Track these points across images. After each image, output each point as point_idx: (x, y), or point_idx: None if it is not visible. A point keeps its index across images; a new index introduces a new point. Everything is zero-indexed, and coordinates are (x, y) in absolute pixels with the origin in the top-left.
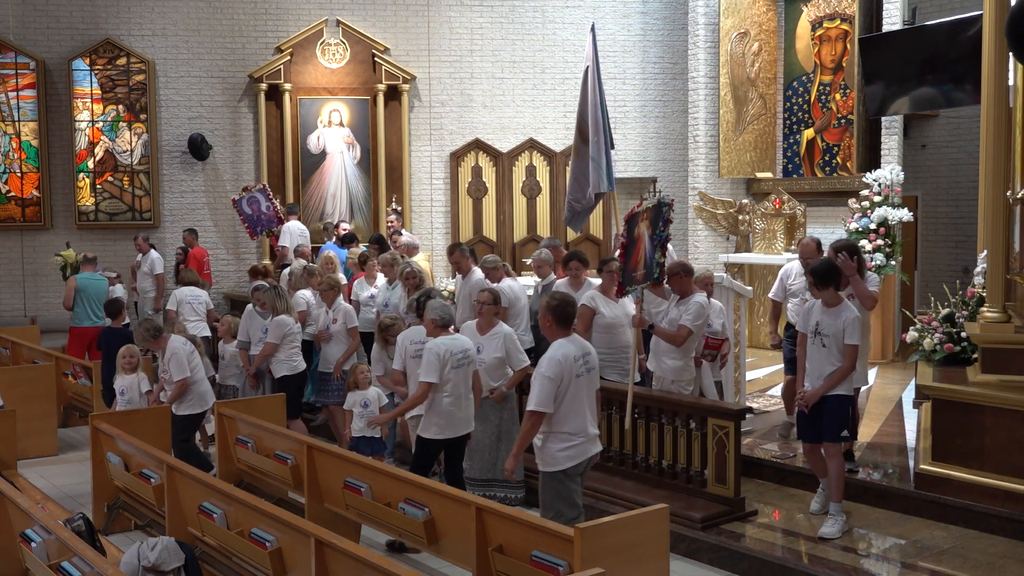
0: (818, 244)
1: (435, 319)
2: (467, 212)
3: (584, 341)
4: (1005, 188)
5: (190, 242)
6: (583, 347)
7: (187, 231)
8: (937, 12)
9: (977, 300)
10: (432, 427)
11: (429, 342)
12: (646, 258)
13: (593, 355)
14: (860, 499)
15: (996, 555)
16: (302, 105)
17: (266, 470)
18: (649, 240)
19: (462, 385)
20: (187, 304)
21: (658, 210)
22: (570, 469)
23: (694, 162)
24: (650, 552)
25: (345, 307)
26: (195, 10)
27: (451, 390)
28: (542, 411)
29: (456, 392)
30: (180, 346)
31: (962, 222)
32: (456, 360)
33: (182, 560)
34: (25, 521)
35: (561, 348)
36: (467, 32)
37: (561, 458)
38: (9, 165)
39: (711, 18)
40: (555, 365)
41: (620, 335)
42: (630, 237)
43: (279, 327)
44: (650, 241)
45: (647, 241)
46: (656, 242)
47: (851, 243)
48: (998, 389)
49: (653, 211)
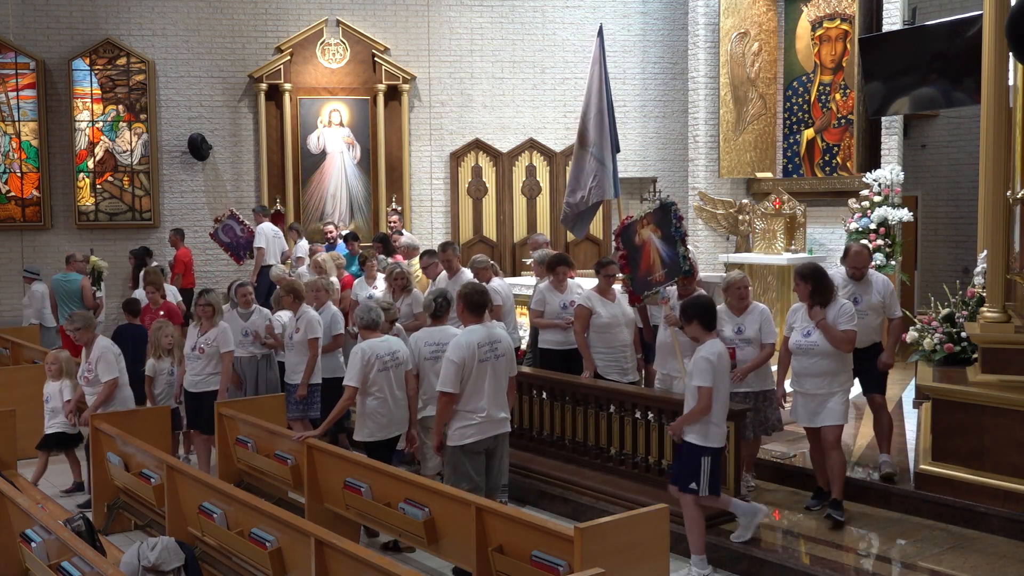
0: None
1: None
2: (467, 212)
3: (498, 330)
4: (1005, 188)
5: (175, 242)
6: (493, 335)
7: (173, 231)
8: (937, 12)
9: (977, 300)
10: (364, 429)
11: (356, 344)
12: (663, 258)
13: (504, 343)
14: (860, 499)
15: (996, 555)
16: (302, 105)
17: (266, 470)
18: (662, 240)
19: (389, 387)
20: None
21: (665, 211)
22: (468, 446)
23: (694, 162)
24: (650, 552)
25: (310, 316)
26: (195, 10)
27: (377, 392)
28: (447, 391)
29: (382, 395)
30: (108, 347)
31: (962, 222)
32: (383, 362)
33: (182, 560)
34: (25, 521)
35: (468, 334)
36: (467, 32)
37: (460, 435)
38: (9, 165)
39: (711, 18)
40: (459, 350)
41: (618, 334)
42: (630, 248)
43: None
44: (663, 241)
45: (657, 243)
46: (677, 238)
47: (812, 269)
48: (998, 389)
49: (658, 214)
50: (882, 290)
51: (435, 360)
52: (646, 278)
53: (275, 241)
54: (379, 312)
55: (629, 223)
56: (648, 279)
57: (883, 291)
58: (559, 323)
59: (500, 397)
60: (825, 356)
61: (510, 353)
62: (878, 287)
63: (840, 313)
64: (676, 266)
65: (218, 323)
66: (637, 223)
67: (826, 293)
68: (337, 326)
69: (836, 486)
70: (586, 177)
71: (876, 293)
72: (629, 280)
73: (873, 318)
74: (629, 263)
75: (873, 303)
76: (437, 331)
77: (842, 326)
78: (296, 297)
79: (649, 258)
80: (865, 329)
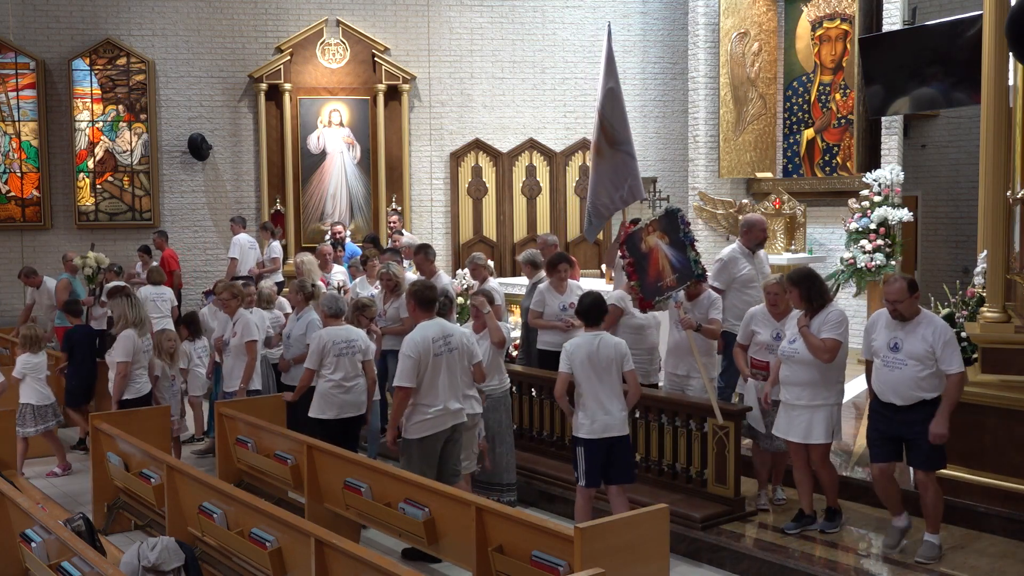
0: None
1: (324, 310)
2: (467, 212)
3: (449, 324)
4: (1005, 188)
5: (159, 244)
6: (445, 329)
7: (156, 233)
8: (937, 12)
9: (977, 300)
10: (316, 407)
11: (317, 331)
12: (672, 263)
13: (456, 336)
14: (860, 499)
15: (996, 555)
16: (302, 105)
17: (266, 470)
18: (670, 246)
19: (344, 371)
20: (151, 302)
21: (671, 217)
22: (424, 439)
23: (694, 162)
24: (650, 552)
25: (245, 319)
26: (195, 10)
27: (330, 375)
28: (404, 385)
29: (336, 377)
30: None
31: (962, 222)
32: (339, 348)
33: (182, 560)
34: (25, 521)
35: (421, 330)
36: (467, 32)
37: (416, 429)
38: (9, 165)
39: (711, 18)
40: (413, 345)
41: (648, 336)
42: (636, 255)
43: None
44: (672, 247)
45: (665, 248)
46: (686, 243)
47: (800, 274)
48: (998, 389)
49: (663, 221)
50: (931, 337)
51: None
52: (656, 284)
53: (250, 252)
54: (344, 302)
55: (633, 231)
56: (658, 285)
57: (932, 339)
58: (559, 324)
59: (455, 389)
60: (807, 365)
61: (463, 346)
62: (926, 333)
63: (826, 320)
64: (688, 271)
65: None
66: (642, 230)
67: (817, 298)
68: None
69: (829, 497)
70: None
71: (922, 340)
72: (638, 287)
73: (915, 370)
74: (637, 270)
75: (917, 352)
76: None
77: (824, 334)
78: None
79: (658, 264)
80: (904, 383)
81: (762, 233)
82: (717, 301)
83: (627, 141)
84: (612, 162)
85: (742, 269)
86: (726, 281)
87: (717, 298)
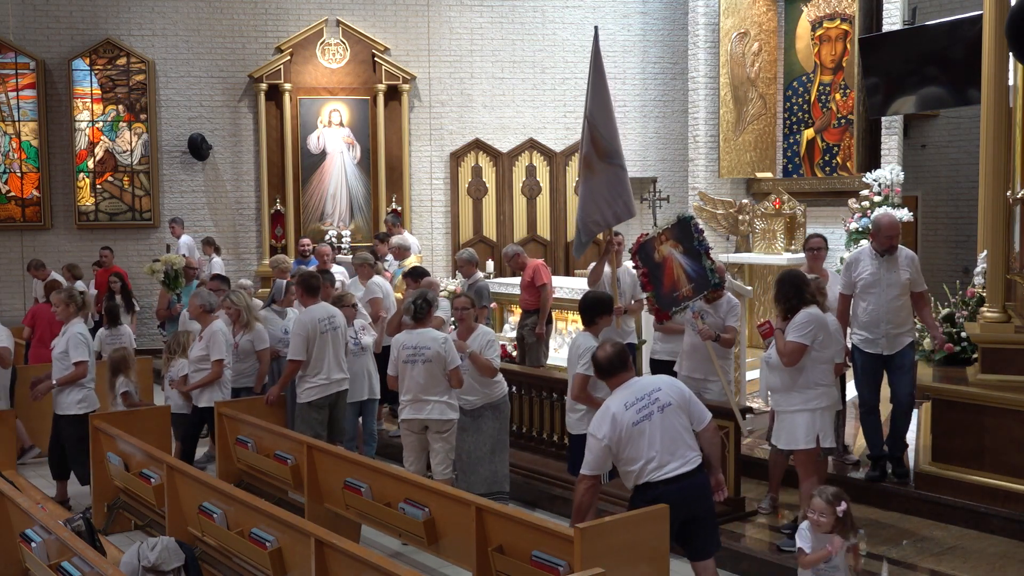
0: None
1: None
2: (467, 212)
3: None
4: (1005, 188)
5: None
6: (328, 311)
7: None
8: (937, 12)
9: (977, 300)
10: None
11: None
12: (688, 272)
13: (338, 317)
14: (860, 499)
15: (996, 555)
16: (302, 105)
17: (266, 470)
18: (684, 255)
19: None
20: None
21: (684, 226)
22: (314, 402)
23: (694, 162)
24: (650, 552)
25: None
26: (195, 10)
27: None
28: (296, 359)
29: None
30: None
31: (962, 222)
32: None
33: (182, 560)
34: (25, 521)
35: (309, 312)
36: (467, 32)
37: (307, 394)
38: (9, 165)
39: (711, 18)
40: (304, 326)
41: None
42: (649, 265)
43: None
44: (687, 256)
45: (680, 258)
46: (701, 251)
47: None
48: (998, 389)
49: (676, 229)
50: (908, 264)
51: (412, 364)
52: (672, 294)
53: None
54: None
55: (645, 240)
56: (674, 295)
57: (910, 265)
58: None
59: (339, 362)
60: (782, 368)
61: (343, 325)
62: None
63: (793, 323)
64: (704, 280)
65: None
66: (655, 240)
67: (793, 300)
68: None
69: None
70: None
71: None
72: (653, 297)
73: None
74: (651, 280)
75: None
76: (416, 334)
77: (788, 336)
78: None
79: (673, 274)
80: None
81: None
82: (736, 307)
83: (619, 154)
84: (605, 176)
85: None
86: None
87: (736, 304)
